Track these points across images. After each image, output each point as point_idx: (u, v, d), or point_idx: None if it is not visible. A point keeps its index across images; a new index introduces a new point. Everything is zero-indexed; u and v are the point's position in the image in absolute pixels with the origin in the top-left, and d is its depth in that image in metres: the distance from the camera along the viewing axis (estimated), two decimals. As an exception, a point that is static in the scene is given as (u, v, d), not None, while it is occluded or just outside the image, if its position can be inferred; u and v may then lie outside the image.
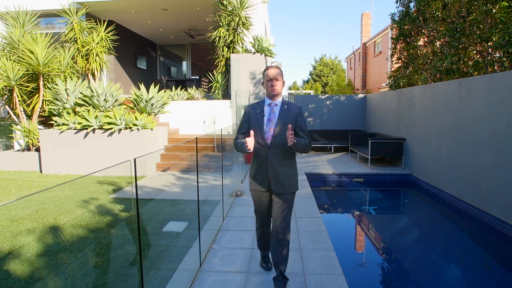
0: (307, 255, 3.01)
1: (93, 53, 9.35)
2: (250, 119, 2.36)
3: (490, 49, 4.71)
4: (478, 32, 4.80)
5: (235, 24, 9.00)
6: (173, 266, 2.80)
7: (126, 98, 7.96)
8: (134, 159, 1.64)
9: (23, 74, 7.32)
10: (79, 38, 9.28)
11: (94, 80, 9.77)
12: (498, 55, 4.69)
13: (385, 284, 3.06)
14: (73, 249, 3.17)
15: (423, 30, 6.97)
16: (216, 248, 3.17)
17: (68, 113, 6.84)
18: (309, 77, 35.44)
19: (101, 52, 9.47)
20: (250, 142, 2.18)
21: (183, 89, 10.36)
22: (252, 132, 2.25)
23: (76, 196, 5.12)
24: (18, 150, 7.83)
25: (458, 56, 5.37)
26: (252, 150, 2.24)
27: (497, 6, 4.45)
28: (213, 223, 3.81)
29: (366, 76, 17.61)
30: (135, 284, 2.53)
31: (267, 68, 2.36)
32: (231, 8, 9.01)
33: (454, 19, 5.57)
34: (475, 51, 5.14)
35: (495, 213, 4.23)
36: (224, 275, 2.65)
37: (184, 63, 17.20)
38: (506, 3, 4.30)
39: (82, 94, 6.84)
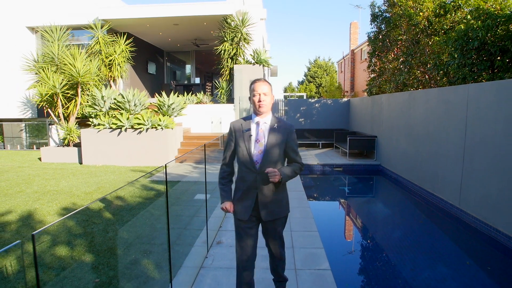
0: (292, 210, 4.66)
1: (115, 63, 10.93)
2: (236, 138, 2.14)
3: (428, 71, 6.40)
4: (420, 58, 6.51)
5: (238, 40, 10.65)
6: (208, 215, 4.46)
7: (150, 103, 9.58)
8: (204, 145, 3.29)
9: (66, 83, 8.91)
10: (103, 50, 10.85)
11: (115, 85, 11.36)
12: (432, 75, 6.41)
13: (340, 223, 4.77)
14: (140, 208, 4.81)
15: (391, 49, 8.68)
16: (233, 207, 4.84)
17: (104, 116, 8.45)
18: (304, 78, 37.18)
19: (122, 62, 11.05)
20: (227, 208, 2.17)
21: (193, 94, 11.99)
22: (230, 204, 2.18)
23: (121, 179, 6.74)
24: (59, 146, 9.41)
25: (409, 73, 7.09)
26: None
27: (432, 39, 6.15)
28: (228, 194, 5.48)
29: (354, 80, 19.35)
30: (202, 221, 4.20)
31: (254, 81, 2.11)
32: (234, 25, 10.66)
33: (408, 44, 7.27)
34: (418, 72, 6.85)
35: (428, 188, 5.95)
36: (240, 219, 4.32)
37: (188, 67, 18.87)
38: (437, 38, 5.99)
39: (116, 100, 8.45)
